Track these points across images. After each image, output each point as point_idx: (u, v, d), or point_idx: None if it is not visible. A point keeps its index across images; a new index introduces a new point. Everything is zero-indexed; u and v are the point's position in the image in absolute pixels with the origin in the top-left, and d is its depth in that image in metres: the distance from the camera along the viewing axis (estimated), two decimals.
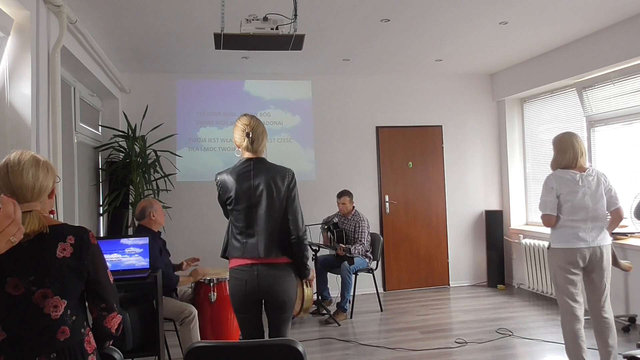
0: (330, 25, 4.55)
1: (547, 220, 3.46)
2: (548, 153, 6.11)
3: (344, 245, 5.42)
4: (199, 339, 3.68)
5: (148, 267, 3.39)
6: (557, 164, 3.53)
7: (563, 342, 3.55)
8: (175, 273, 3.95)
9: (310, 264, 2.92)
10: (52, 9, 3.39)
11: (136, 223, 5.20)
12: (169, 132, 5.82)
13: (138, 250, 3.40)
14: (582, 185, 3.42)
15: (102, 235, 5.34)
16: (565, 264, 3.41)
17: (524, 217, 6.72)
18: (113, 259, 3.32)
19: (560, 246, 3.43)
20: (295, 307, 4.55)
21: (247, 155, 2.76)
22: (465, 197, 6.83)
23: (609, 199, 3.49)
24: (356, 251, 5.44)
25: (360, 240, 5.51)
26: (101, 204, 5.46)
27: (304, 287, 3.05)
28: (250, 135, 2.71)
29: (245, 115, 2.80)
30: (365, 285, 5.96)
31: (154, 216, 3.92)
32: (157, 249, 3.80)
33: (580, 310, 3.45)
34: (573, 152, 3.47)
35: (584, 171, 3.47)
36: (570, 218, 3.41)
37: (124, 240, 3.43)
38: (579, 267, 3.42)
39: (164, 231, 4.12)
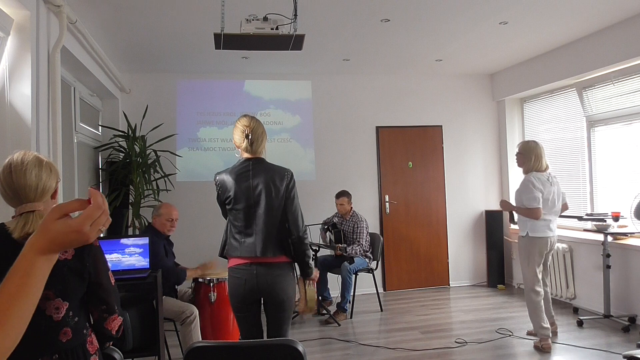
0: (330, 25, 4.55)
1: (538, 212, 4.09)
2: (548, 153, 6.12)
3: (341, 245, 5.42)
4: (200, 339, 3.68)
5: (148, 267, 3.39)
6: (533, 168, 4.21)
7: (541, 316, 4.20)
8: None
9: (312, 263, 2.94)
10: (52, 9, 3.38)
11: (137, 223, 5.24)
12: (169, 132, 5.82)
13: (138, 250, 3.40)
14: (551, 186, 4.20)
15: (102, 235, 5.33)
16: (540, 250, 4.18)
17: None
18: (113, 259, 3.32)
19: (537, 235, 4.17)
20: (300, 305, 4.59)
21: (246, 155, 2.77)
22: (465, 197, 6.83)
23: (562, 197, 4.34)
24: (354, 251, 5.44)
25: (359, 241, 5.51)
26: None
27: (306, 286, 3.05)
28: (250, 137, 2.72)
29: (245, 116, 2.80)
30: (365, 285, 5.96)
31: (155, 220, 3.96)
32: (161, 246, 3.80)
33: (542, 287, 4.27)
34: (544, 158, 4.26)
35: (547, 174, 4.25)
36: (544, 212, 4.13)
37: (124, 240, 3.43)
38: (545, 252, 4.22)
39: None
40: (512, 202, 4.81)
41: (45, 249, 0.85)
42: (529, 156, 4.23)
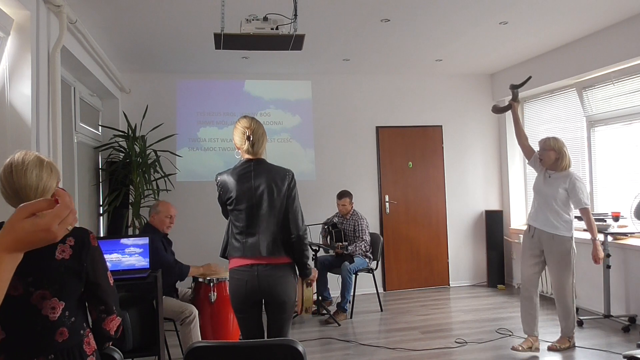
0: (330, 25, 4.55)
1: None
2: None
3: (341, 244, 5.41)
4: (200, 339, 3.68)
5: (148, 267, 3.39)
6: (571, 164, 4.08)
7: (570, 325, 4.10)
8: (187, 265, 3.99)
9: (311, 263, 2.93)
10: (52, 9, 3.39)
11: (137, 223, 5.25)
12: (169, 132, 5.82)
13: (138, 250, 3.40)
14: None
15: (102, 235, 5.34)
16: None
17: (524, 217, 6.71)
18: (113, 259, 3.32)
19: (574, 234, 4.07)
20: (298, 304, 4.60)
21: (247, 156, 2.78)
22: (465, 197, 6.83)
23: None
24: (357, 248, 5.44)
25: (362, 238, 5.50)
26: (101, 204, 5.46)
27: (304, 287, 3.05)
28: (251, 138, 2.73)
29: (245, 117, 2.81)
30: (365, 285, 5.96)
31: (154, 217, 3.95)
32: (159, 242, 3.80)
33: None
34: None
35: None
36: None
37: (124, 240, 3.42)
38: None
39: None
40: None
41: (11, 247, 0.85)
42: (564, 151, 4.04)
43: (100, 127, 5.68)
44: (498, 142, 6.91)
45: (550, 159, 4.06)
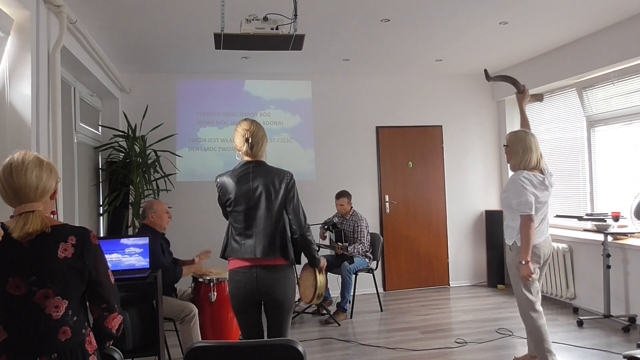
0: (330, 25, 4.55)
1: (531, 221, 3.30)
2: (548, 153, 6.13)
3: (341, 244, 5.41)
4: (200, 338, 3.69)
5: (148, 267, 3.39)
6: (522, 165, 3.43)
7: (546, 339, 3.43)
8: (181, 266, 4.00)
9: (319, 254, 3.01)
10: (52, 9, 3.39)
11: (137, 222, 5.25)
12: (169, 132, 5.82)
13: (138, 250, 3.40)
14: (548, 187, 3.45)
15: (102, 235, 5.34)
16: (534, 258, 3.40)
17: None
18: (113, 259, 3.32)
19: (535, 242, 3.39)
20: (308, 295, 4.72)
21: (247, 159, 2.80)
22: (465, 197, 6.83)
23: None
24: (355, 250, 5.44)
25: (360, 240, 5.51)
26: (101, 204, 5.46)
27: (317, 274, 3.14)
28: (250, 141, 2.75)
29: (245, 119, 2.84)
30: (365, 285, 5.96)
31: (152, 217, 3.95)
32: (158, 244, 3.81)
33: (540, 303, 3.48)
34: (537, 152, 3.45)
35: (543, 173, 3.47)
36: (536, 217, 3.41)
37: (124, 240, 3.43)
38: (541, 261, 3.46)
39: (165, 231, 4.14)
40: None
41: None
42: (516, 149, 3.45)
43: (100, 127, 5.69)
44: (498, 142, 6.91)
45: (507, 155, 3.60)
